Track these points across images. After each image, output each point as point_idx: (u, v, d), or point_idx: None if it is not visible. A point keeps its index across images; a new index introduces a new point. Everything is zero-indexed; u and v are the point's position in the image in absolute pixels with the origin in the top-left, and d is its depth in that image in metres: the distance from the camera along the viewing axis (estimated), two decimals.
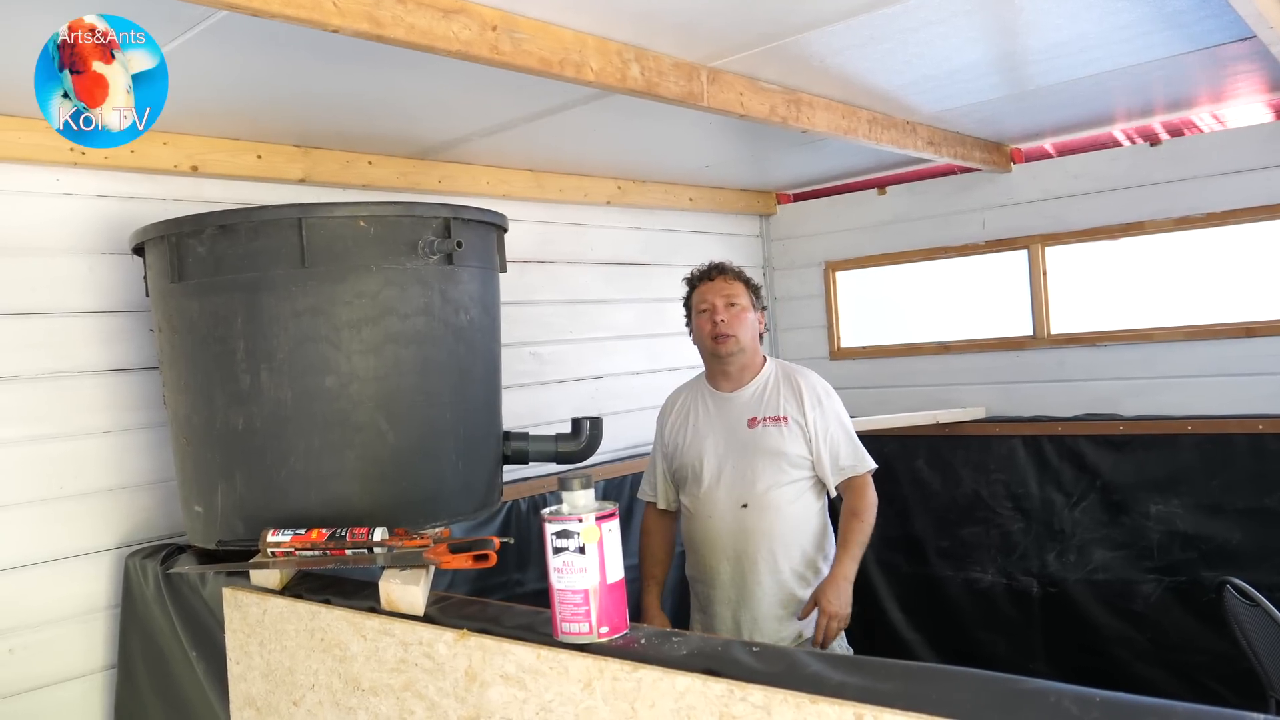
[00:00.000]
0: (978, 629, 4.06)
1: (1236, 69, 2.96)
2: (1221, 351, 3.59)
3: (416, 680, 1.63)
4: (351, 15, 1.74)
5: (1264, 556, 3.38)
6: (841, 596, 2.63)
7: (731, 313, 2.78)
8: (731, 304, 2.78)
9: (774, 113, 2.76)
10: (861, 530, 2.71)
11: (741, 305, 2.80)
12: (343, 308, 2.05)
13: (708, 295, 2.82)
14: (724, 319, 2.77)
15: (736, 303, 2.79)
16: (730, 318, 2.77)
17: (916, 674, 1.24)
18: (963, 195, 4.21)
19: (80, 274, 2.59)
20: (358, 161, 3.13)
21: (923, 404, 4.25)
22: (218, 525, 2.15)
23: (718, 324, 2.77)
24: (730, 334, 2.76)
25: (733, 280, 2.84)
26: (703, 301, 2.83)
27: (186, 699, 2.35)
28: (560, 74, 2.16)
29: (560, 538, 1.47)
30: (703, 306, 2.82)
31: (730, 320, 2.77)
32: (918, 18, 2.29)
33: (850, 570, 2.67)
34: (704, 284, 2.85)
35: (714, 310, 2.78)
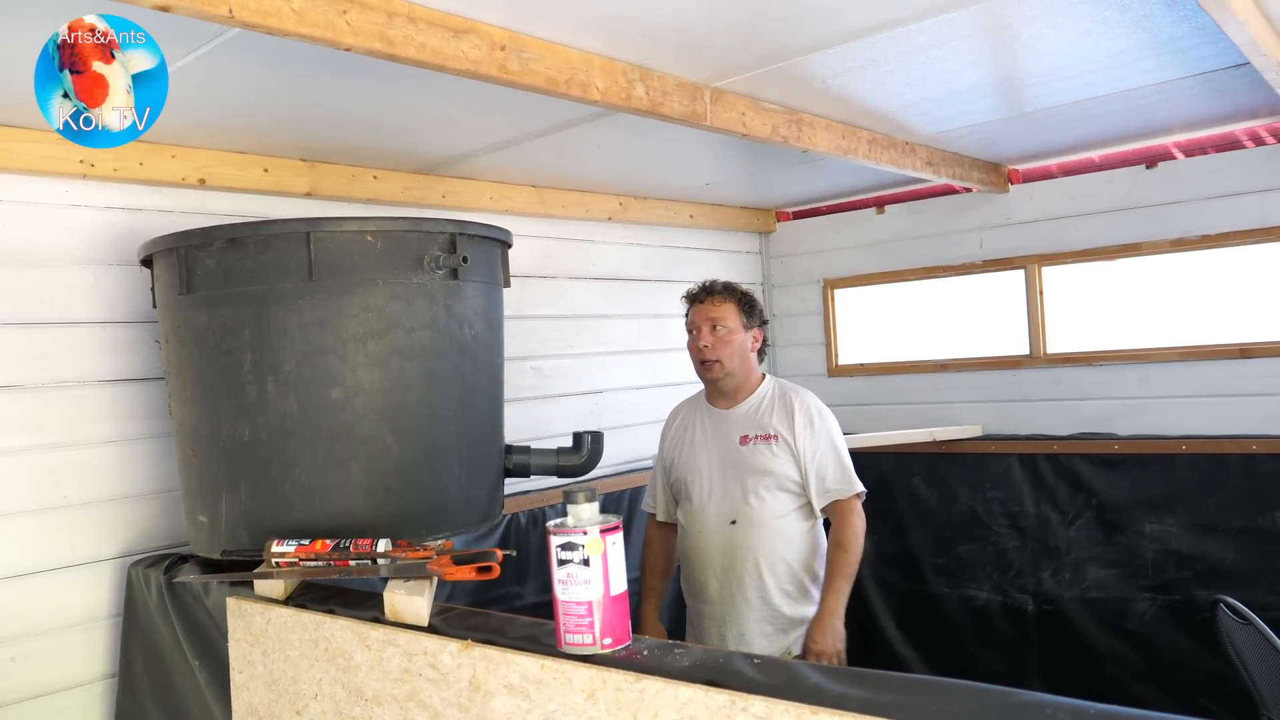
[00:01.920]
0: (973, 646, 4.07)
1: (1231, 94, 3.00)
2: (1216, 372, 3.61)
3: (420, 690, 1.65)
4: (364, 34, 1.77)
5: (1258, 576, 3.40)
6: (829, 635, 2.62)
7: (716, 337, 2.78)
8: (715, 328, 2.78)
9: (776, 132, 2.79)
10: (847, 563, 2.69)
11: (728, 328, 2.79)
12: (349, 321, 2.08)
13: (696, 318, 2.83)
14: (708, 344, 2.78)
15: (722, 325, 2.78)
16: (714, 342, 2.77)
17: (915, 686, 1.26)
18: (961, 215, 4.25)
19: (87, 285, 2.61)
20: (363, 176, 3.16)
21: (920, 421, 4.28)
22: (222, 535, 2.17)
23: (702, 349, 2.78)
24: (714, 359, 2.77)
25: (721, 302, 2.82)
26: (691, 325, 2.84)
27: (188, 708, 2.36)
28: (567, 93, 2.19)
29: (565, 550, 1.49)
30: (691, 330, 2.84)
31: (714, 345, 2.77)
32: (917, 41, 2.33)
33: (837, 606, 2.66)
34: (695, 305, 2.86)
35: (699, 335, 2.80)
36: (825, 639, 2.61)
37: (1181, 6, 2.18)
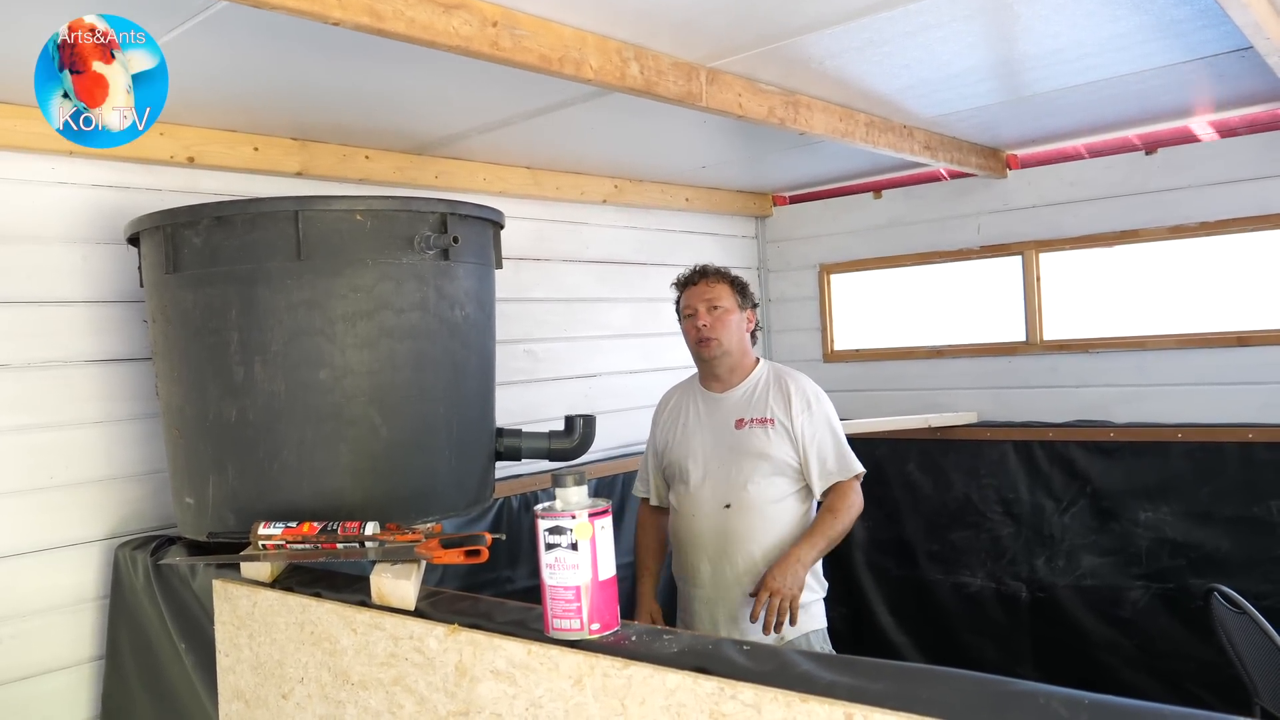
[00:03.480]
0: (966, 633, 4.07)
1: (1233, 79, 2.98)
2: (1213, 360, 3.60)
3: (406, 674, 1.63)
4: (352, 8, 1.74)
5: (1252, 565, 3.40)
6: (788, 576, 2.55)
7: (714, 316, 2.79)
8: (714, 307, 2.79)
9: (772, 114, 2.76)
10: (832, 526, 2.65)
11: (725, 308, 2.80)
12: (338, 301, 2.05)
13: (691, 300, 2.84)
14: (706, 323, 2.78)
15: (719, 305, 2.80)
16: (713, 321, 2.78)
17: (907, 674, 1.24)
18: (958, 200, 4.22)
19: (74, 263, 2.58)
20: (355, 155, 3.13)
21: (915, 407, 4.27)
22: (209, 517, 2.15)
23: (700, 328, 2.79)
24: (713, 337, 2.78)
25: (715, 283, 2.84)
26: (687, 306, 2.85)
27: (174, 690, 2.35)
28: (560, 71, 2.16)
29: (553, 534, 1.47)
30: (687, 311, 2.85)
31: (713, 324, 2.78)
32: (916, 22, 2.30)
33: (806, 555, 2.60)
34: (688, 288, 2.87)
35: (697, 315, 2.80)
36: (784, 579, 2.54)
37: None
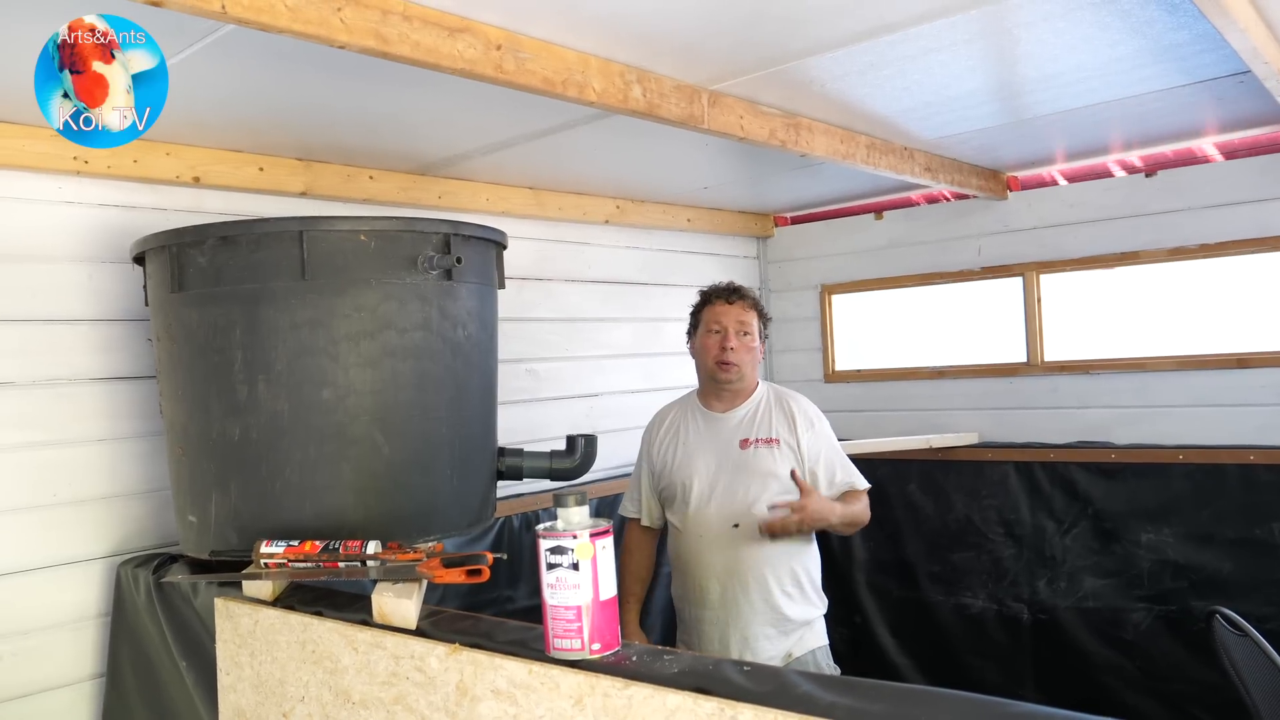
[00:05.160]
0: (967, 654, 4.05)
1: (1233, 102, 2.99)
2: (1214, 382, 3.60)
3: (407, 694, 1.63)
4: (358, 32, 1.76)
5: (1254, 587, 3.39)
6: (822, 509, 2.64)
7: (742, 342, 2.79)
8: (744, 333, 2.79)
9: (773, 136, 2.78)
10: (850, 507, 2.74)
11: (752, 335, 2.81)
12: (341, 321, 2.06)
13: (723, 318, 2.81)
14: (734, 347, 2.77)
15: (748, 332, 2.80)
16: (739, 347, 2.78)
17: (906, 696, 1.24)
18: (959, 222, 4.24)
19: (79, 282, 2.60)
20: (359, 176, 3.15)
21: (916, 428, 4.27)
22: (211, 535, 2.15)
23: (726, 350, 2.77)
24: (735, 363, 2.77)
25: (750, 309, 2.84)
26: (715, 322, 2.82)
27: (175, 709, 2.34)
28: (563, 94, 2.17)
29: (554, 554, 1.47)
30: (715, 327, 2.81)
31: (739, 349, 2.77)
32: (917, 45, 2.32)
33: (837, 509, 2.70)
34: (721, 304, 2.84)
35: (725, 335, 2.78)
36: (818, 510, 2.63)
37: (1182, 13, 2.17)
